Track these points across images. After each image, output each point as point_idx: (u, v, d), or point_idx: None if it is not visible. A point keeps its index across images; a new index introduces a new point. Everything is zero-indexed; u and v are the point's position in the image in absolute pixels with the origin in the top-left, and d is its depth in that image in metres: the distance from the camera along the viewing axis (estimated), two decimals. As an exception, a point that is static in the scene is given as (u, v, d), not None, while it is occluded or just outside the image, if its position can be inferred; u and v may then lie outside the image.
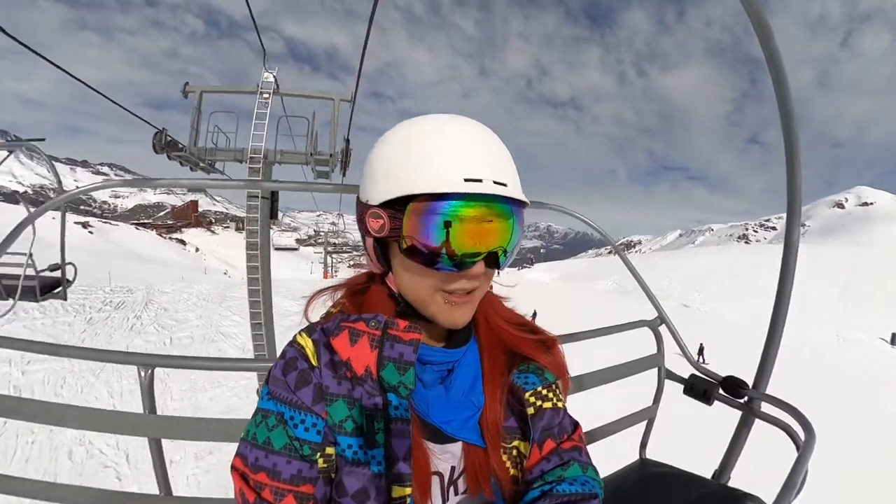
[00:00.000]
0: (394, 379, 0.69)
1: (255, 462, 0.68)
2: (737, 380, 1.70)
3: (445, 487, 0.78)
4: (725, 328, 17.98)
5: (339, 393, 0.71)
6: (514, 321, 0.88)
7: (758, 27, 1.18)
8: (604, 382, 1.77)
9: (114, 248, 65.81)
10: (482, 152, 0.69)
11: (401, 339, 0.71)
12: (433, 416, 0.75)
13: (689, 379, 1.82)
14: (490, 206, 0.67)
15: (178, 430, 1.28)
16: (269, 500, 0.66)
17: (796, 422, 1.33)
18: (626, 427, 1.84)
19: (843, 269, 27.05)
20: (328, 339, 0.72)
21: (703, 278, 29.24)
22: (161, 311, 15.63)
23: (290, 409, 0.69)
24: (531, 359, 0.86)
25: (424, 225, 0.67)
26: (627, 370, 1.88)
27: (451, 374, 0.80)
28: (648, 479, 1.78)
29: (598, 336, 1.77)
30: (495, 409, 0.80)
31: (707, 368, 1.81)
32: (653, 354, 1.94)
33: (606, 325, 1.83)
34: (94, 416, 1.28)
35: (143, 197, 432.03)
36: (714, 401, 1.75)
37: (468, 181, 0.65)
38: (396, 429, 0.70)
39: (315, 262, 62.49)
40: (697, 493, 1.61)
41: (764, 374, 1.70)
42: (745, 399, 1.69)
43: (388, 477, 0.69)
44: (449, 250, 0.68)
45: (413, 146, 0.69)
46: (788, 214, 1.55)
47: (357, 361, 0.70)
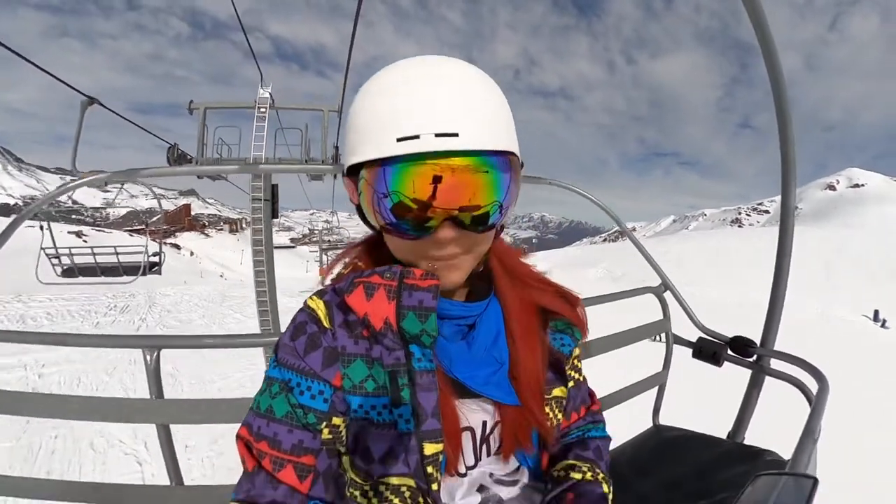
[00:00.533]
0: (415, 328, 0.66)
1: (258, 430, 0.67)
2: (744, 339, 1.70)
3: (478, 445, 0.75)
4: (710, 308, 18.49)
5: (357, 352, 0.68)
6: (534, 276, 0.85)
7: (751, 11, 1.17)
8: (611, 349, 1.77)
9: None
10: (421, 100, 0.59)
11: (418, 286, 0.67)
12: (456, 370, 0.72)
13: (698, 342, 1.83)
14: (438, 164, 0.57)
15: (187, 414, 1.25)
16: (268, 470, 0.66)
17: (808, 374, 1.31)
18: (637, 393, 1.85)
19: (828, 250, 27.48)
20: (341, 298, 0.70)
21: (689, 261, 29.82)
22: (165, 313, 16.07)
23: (297, 376, 0.67)
24: (557, 313, 0.83)
25: (373, 196, 0.62)
26: (635, 336, 1.87)
27: (472, 329, 0.76)
28: (664, 443, 1.76)
29: (604, 302, 1.73)
30: (534, 366, 0.77)
31: (714, 331, 1.82)
32: (659, 320, 1.93)
33: (612, 293, 1.84)
34: (99, 404, 1.24)
35: (135, 204, 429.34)
36: (723, 362, 1.75)
37: (402, 140, 0.57)
38: (422, 382, 0.67)
39: (311, 260, 62.34)
40: (714, 452, 1.61)
41: (770, 330, 1.69)
42: (754, 357, 1.69)
43: (417, 434, 0.66)
44: (403, 216, 0.62)
45: (361, 105, 0.63)
46: (783, 173, 1.54)
47: (375, 315, 0.67)
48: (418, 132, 0.57)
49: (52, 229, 8.97)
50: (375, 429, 0.67)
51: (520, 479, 0.81)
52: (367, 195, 0.63)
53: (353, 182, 0.66)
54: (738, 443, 1.76)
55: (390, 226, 0.64)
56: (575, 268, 38.79)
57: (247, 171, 6.62)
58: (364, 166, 0.62)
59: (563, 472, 0.82)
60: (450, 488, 0.74)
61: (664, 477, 1.51)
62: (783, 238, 1.63)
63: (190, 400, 1.26)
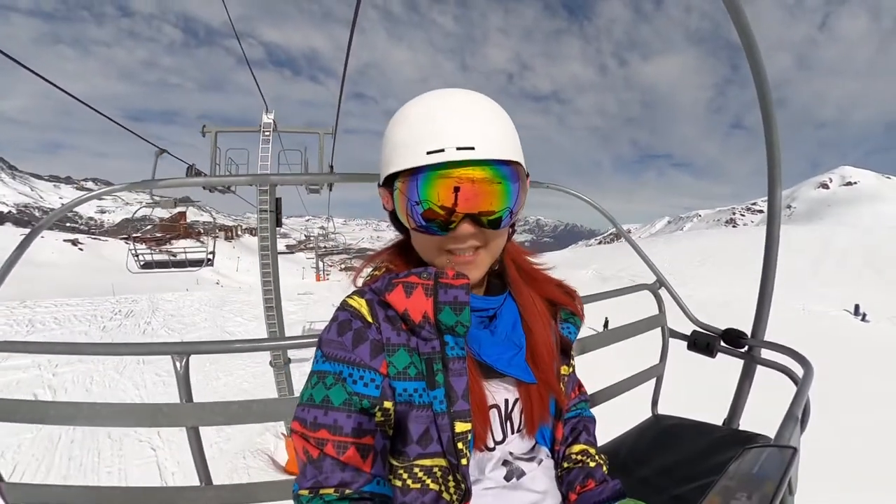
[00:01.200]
0: (451, 320, 0.77)
1: (315, 421, 0.73)
2: (736, 331, 1.78)
3: (503, 420, 0.88)
4: (696, 307, 19.04)
5: (400, 342, 0.78)
6: (540, 273, 1.00)
7: (732, 13, 1.21)
8: (608, 343, 1.85)
9: (106, 264, 64.17)
10: (452, 123, 0.73)
11: (453, 285, 0.78)
12: (484, 354, 0.84)
13: (692, 335, 1.90)
14: (459, 172, 0.72)
15: (217, 416, 1.28)
16: (332, 454, 0.72)
17: (795, 361, 1.39)
18: (635, 385, 1.93)
19: (815, 247, 27.90)
20: (381, 297, 0.80)
21: (679, 261, 30.35)
22: (168, 317, 16.66)
23: (349, 367, 0.75)
24: (561, 304, 0.97)
25: (406, 201, 0.76)
26: (632, 331, 1.94)
27: (493, 320, 0.89)
28: (663, 432, 1.83)
29: (602, 299, 1.81)
30: (548, 349, 0.91)
31: (707, 324, 1.89)
32: (655, 315, 2.01)
33: (610, 290, 1.92)
34: (130, 411, 1.27)
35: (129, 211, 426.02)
36: (717, 353, 1.82)
37: (430, 153, 0.71)
38: (454, 368, 0.78)
39: (307, 266, 62.35)
40: (710, 438, 1.69)
41: (760, 322, 1.77)
42: (745, 348, 1.76)
43: (450, 414, 0.77)
44: (422, 217, 0.75)
45: (395, 129, 0.77)
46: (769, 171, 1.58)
47: (414, 311, 0.77)
48: (443, 146, 0.71)
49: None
50: (415, 410, 0.77)
51: (537, 455, 0.93)
52: (401, 202, 0.77)
53: (388, 192, 0.81)
54: (733, 429, 1.83)
55: (420, 227, 0.77)
56: (566, 269, 39.21)
57: (257, 182, 7.36)
58: (398, 178, 0.76)
59: (580, 455, 1.00)
60: (480, 463, 0.85)
61: (663, 463, 1.58)
62: (770, 233, 1.69)
63: (219, 402, 1.29)
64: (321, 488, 0.71)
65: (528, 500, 0.88)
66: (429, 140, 0.72)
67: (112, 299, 18.08)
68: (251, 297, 20.54)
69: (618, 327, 1.89)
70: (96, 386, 10.97)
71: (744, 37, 1.25)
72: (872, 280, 21.68)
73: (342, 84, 6.77)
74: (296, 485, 0.73)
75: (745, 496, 0.59)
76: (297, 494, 0.72)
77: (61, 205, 1.73)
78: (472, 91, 0.80)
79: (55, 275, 14.00)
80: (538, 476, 0.91)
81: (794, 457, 0.67)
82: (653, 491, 1.43)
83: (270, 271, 7.36)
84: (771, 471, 0.64)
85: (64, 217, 21.99)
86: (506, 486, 0.87)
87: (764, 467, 0.66)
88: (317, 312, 20.07)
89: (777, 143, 1.51)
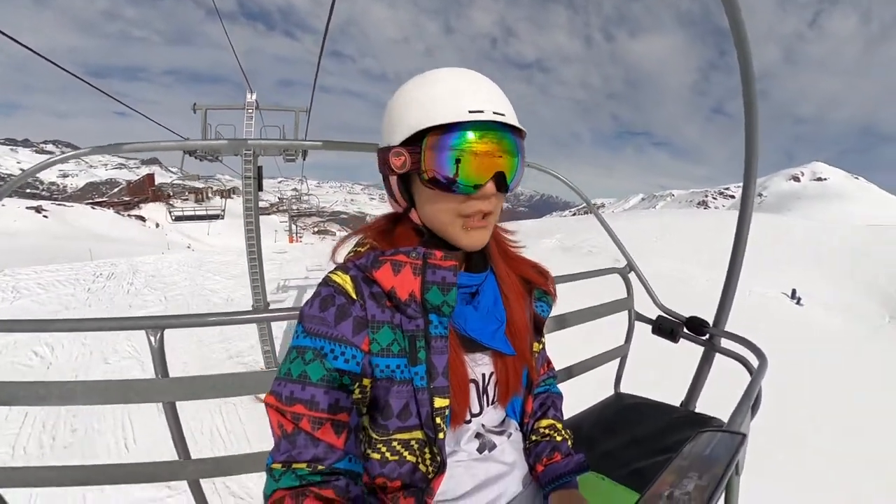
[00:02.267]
0: (438, 299, 0.81)
1: (291, 395, 0.74)
2: (699, 319, 1.83)
3: (480, 394, 0.93)
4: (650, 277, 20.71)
5: (384, 319, 0.80)
6: (519, 255, 1.06)
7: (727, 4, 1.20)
8: (577, 323, 1.89)
9: (72, 231, 61.51)
10: (483, 90, 0.80)
11: (441, 265, 0.82)
12: (469, 328, 0.88)
13: (657, 320, 1.95)
14: (492, 133, 0.77)
15: (192, 390, 1.27)
16: (307, 430, 0.73)
17: (751, 352, 1.46)
18: (602, 363, 1.99)
19: (768, 236, 29.56)
20: (366, 274, 0.82)
21: (639, 237, 31.65)
22: (149, 278, 17.06)
23: (330, 343, 0.76)
24: (535, 283, 1.03)
25: (439, 155, 0.77)
26: (600, 312, 1.98)
27: (475, 296, 0.93)
28: (625, 409, 1.92)
29: (572, 281, 1.86)
30: (524, 324, 0.98)
31: (672, 311, 1.94)
32: (623, 298, 2.07)
33: (581, 272, 1.96)
34: (104, 388, 1.23)
35: (93, 174, 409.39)
36: (679, 338, 1.88)
37: (472, 112, 0.76)
38: (436, 346, 0.81)
39: (280, 230, 61.89)
40: (668, 418, 1.78)
41: (723, 312, 1.82)
42: (706, 336, 1.82)
43: (429, 390, 0.80)
44: (462, 175, 0.77)
45: (425, 90, 0.80)
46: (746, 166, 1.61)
47: (401, 288, 0.80)
48: (483, 108, 0.77)
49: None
50: (396, 385, 0.80)
51: (506, 429, 1.01)
52: (430, 159, 0.78)
53: (407, 151, 0.80)
54: (690, 411, 1.91)
55: (452, 183, 0.78)
56: (531, 238, 40.44)
57: (234, 148, 8.38)
58: (427, 135, 0.78)
59: (547, 430, 1.08)
60: (457, 436, 0.92)
61: (624, 438, 1.66)
62: (740, 227, 1.73)
63: (195, 377, 1.27)
64: (294, 463, 0.73)
65: (498, 471, 0.95)
66: (470, 99, 0.77)
67: (91, 264, 18.20)
68: (227, 257, 20.91)
69: (585, 308, 1.92)
70: (90, 339, 11.84)
71: (733, 24, 1.23)
72: (814, 270, 23.40)
73: (317, 67, 7.21)
74: (269, 458, 0.75)
75: (696, 475, 0.64)
76: (269, 468, 0.74)
77: (21, 171, 1.64)
78: None
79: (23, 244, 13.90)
80: (507, 449, 0.99)
81: (743, 442, 0.74)
82: (614, 464, 1.51)
83: (255, 239, 8.52)
84: (721, 454, 0.71)
85: (24, 183, 18.56)
86: (477, 458, 0.93)
87: (715, 450, 0.72)
88: (290, 271, 20.61)
89: (756, 141, 1.51)
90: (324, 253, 28.52)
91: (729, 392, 1.51)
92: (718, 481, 0.64)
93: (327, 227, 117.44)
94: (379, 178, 0.92)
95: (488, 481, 0.94)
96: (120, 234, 76.90)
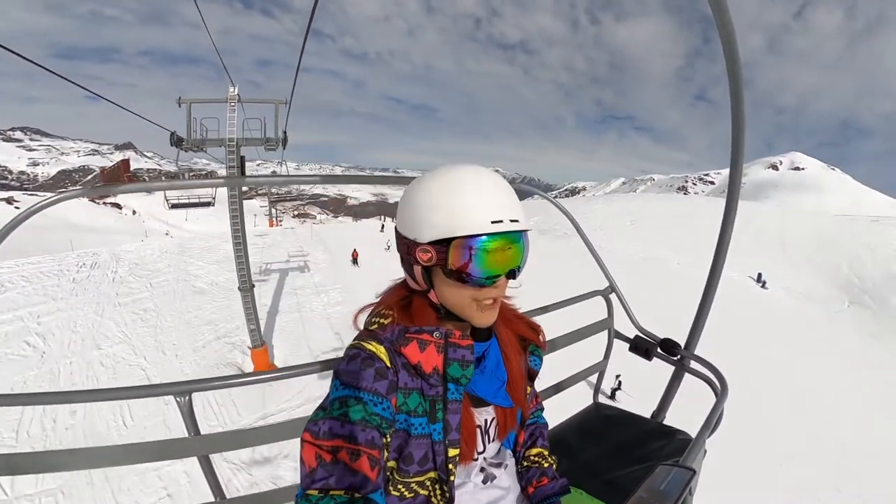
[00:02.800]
0: (458, 373, 1.00)
1: (329, 431, 0.82)
2: (672, 342, 2.00)
3: (483, 435, 1.13)
4: (619, 260, 21.53)
5: (414, 387, 0.99)
6: (515, 315, 1.24)
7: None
8: (563, 346, 2.02)
9: (48, 221, 58.38)
10: (501, 198, 0.95)
11: (459, 345, 1.01)
12: (477, 390, 1.07)
13: (634, 339, 2.10)
14: (508, 238, 0.94)
15: (224, 444, 1.37)
16: (345, 460, 0.80)
17: (714, 377, 1.64)
18: (584, 378, 2.15)
19: (737, 221, 30.53)
20: (396, 348, 0.99)
21: (612, 220, 31.84)
22: (133, 265, 17.28)
23: (369, 394, 0.89)
24: (529, 339, 1.23)
25: (463, 255, 0.92)
26: (583, 334, 2.12)
27: (482, 360, 1.10)
28: (602, 419, 2.13)
29: (557, 308, 2.00)
30: (521, 381, 1.17)
31: (648, 331, 2.09)
32: (604, 319, 2.20)
33: (563, 300, 2.08)
34: (142, 449, 1.28)
35: (65, 161, 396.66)
36: (653, 357, 2.04)
37: (494, 223, 0.92)
38: (452, 408, 1.01)
39: (259, 214, 61.39)
40: (640, 429, 2.01)
41: (694, 337, 1.99)
42: (678, 357, 1.99)
43: (444, 443, 0.99)
44: (481, 271, 0.94)
45: (452, 199, 0.93)
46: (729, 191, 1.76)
47: (426, 363, 0.98)
48: (502, 218, 0.93)
49: None
50: (418, 439, 0.98)
51: (503, 460, 1.19)
52: (456, 259, 0.94)
53: (436, 250, 0.95)
54: (659, 423, 2.09)
55: (474, 280, 0.95)
56: None
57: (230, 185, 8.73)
58: (455, 238, 0.93)
59: (536, 458, 1.28)
60: (467, 471, 1.11)
61: (600, 450, 1.87)
62: (717, 259, 1.91)
63: (226, 432, 1.36)
64: (332, 490, 0.77)
65: (497, 495, 1.15)
66: (493, 211, 0.93)
67: (72, 254, 18.15)
68: (209, 243, 21.25)
69: (571, 332, 2.06)
70: (82, 328, 12.17)
71: (717, 11, 1.21)
72: (781, 256, 24.23)
73: (297, 68, 7.52)
74: (300, 489, 0.78)
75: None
76: (305, 494, 0.77)
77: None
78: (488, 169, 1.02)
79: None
80: (503, 476, 1.18)
81: (693, 478, 0.88)
82: (591, 475, 1.71)
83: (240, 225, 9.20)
84: (673, 490, 0.86)
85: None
86: (481, 487, 1.13)
87: (669, 486, 0.87)
88: (271, 255, 21.10)
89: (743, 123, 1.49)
90: (304, 237, 28.12)
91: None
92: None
93: (307, 210, 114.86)
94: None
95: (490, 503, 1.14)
96: (97, 223, 75.10)
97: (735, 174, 1.67)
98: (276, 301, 16.16)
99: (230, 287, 14.94)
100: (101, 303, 13.91)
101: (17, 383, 9.82)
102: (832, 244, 23.68)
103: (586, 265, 2.56)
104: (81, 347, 11.43)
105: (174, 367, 11.32)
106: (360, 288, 16.97)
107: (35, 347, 11.24)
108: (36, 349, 11.07)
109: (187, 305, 14.24)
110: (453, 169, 0.98)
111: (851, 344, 16.84)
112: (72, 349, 11.19)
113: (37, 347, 11.25)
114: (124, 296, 14.73)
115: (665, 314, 7.70)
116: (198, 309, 13.97)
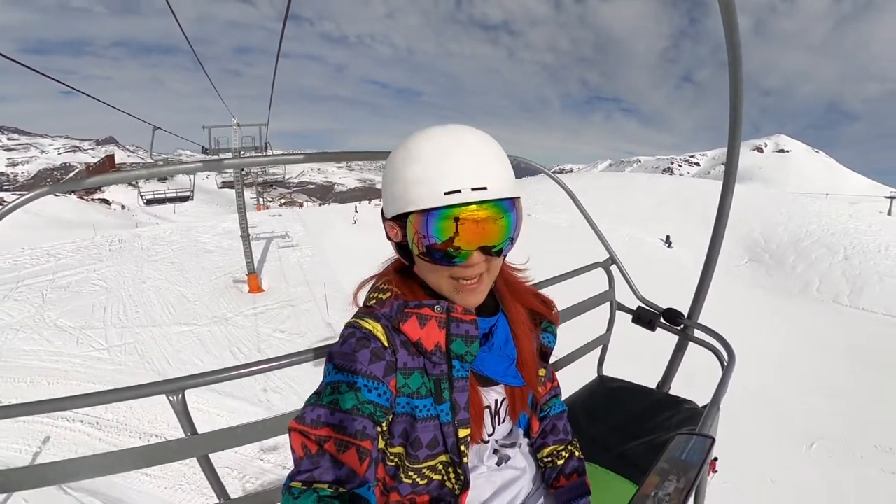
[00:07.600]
0: (461, 350, 0.90)
1: (318, 419, 0.76)
2: (675, 311, 1.98)
3: (493, 417, 1.05)
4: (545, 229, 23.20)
5: (416, 366, 0.90)
6: (525, 288, 1.13)
7: None
8: (567, 320, 1.95)
9: (40, 220, 58.74)
10: (465, 163, 0.81)
11: (463, 319, 0.91)
12: (484, 368, 0.98)
13: (637, 310, 2.08)
14: (473, 207, 0.80)
15: (223, 441, 1.30)
16: (332, 451, 0.74)
17: (720, 345, 1.60)
18: (588, 352, 2.14)
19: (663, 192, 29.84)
20: (393, 325, 0.90)
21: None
22: (154, 239, 21.22)
23: (363, 379, 0.81)
24: (540, 314, 1.13)
25: (421, 234, 0.82)
26: (585, 306, 2.08)
27: (489, 337, 1.01)
28: (607, 392, 2.10)
29: (558, 283, 1.93)
30: (533, 359, 1.07)
31: (651, 302, 2.08)
32: (605, 291, 2.18)
33: (567, 272, 2.05)
34: (137, 454, 1.23)
35: (46, 160, 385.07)
36: (657, 328, 2.03)
37: (448, 194, 0.79)
38: (458, 386, 0.92)
39: (248, 204, 62.87)
40: (646, 400, 1.99)
41: (697, 305, 1.98)
42: (681, 326, 1.97)
43: (454, 424, 0.92)
44: (447, 249, 0.82)
45: (403, 169, 0.83)
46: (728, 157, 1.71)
47: (427, 340, 0.89)
48: (459, 187, 0.79)
49: None
50: (424, 422, 0.91)
51: (516, 440, 1.12)
52: (414, 237, 0.84)
53: (399, 225, 0.87)
54: (665, 393, 2.11)
55: (434, 259, 0.85)
56: None
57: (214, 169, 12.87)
58: (411, 213, 0.83)
59: (549, 457, 1.19)
60: (478, 453, 1.04)
61: (608, 424, 1.84)
62: (714, 243, 1.89)
63: (224, 429, 1.29)
64: (316, 482, 0.72)
65: (513, 475, 1.10)
66: (446, 180, 0.79)
67: (97, 236, 21.36)
68: (208, 222, 25.31)
69: (573, 305, 2.01)
70: (128, 273, 17.12)
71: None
72: (698, 223, 24.27)
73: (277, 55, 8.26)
74: (288, 478, 0.74)
75: (675, 478, 0.76)
76: (288, 486, 0.72)
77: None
78: (472, 128, 0.87)
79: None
80: (518, 456, 1.12)
81: (712, 445, 0.85)
82: (603, 449, 1.68)
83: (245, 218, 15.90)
84: (694, 458, 0.83)
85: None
86: (496, 469, 1.07)
87: (689, 455, 0.84)
88: (260, 230, 24.38)
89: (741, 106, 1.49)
90: (287, 217, 28.99)
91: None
92: (692, 483, 0.79)
93: (294, 197, 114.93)
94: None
95: (505, 486, 1.08)
96: (88, 219, 73.98)
97: (733, 147, 1.68)
98: (264, 255, 20.40)
99: (232, 248, 19.58)
100: (138, 261, 18.41)
101: (99, 302, 14.37)
102: (753, 213, 24.53)
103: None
104: (133, 282, 16.18)
105: (200, 288, 16.36)
106: (326, 245, 21.94)
107: (100, 286, 15.78)
108: (102, 287, 15.81)
109: (201, 259, 18.90)
110: (420, 133, 0.88)
111: (746, 296, 17.95)
112: (126, 285, 16.04)
113: (102, 285, 15.80)
114: (154, 256, 18.95)
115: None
116: (209, 261, 18.92)
